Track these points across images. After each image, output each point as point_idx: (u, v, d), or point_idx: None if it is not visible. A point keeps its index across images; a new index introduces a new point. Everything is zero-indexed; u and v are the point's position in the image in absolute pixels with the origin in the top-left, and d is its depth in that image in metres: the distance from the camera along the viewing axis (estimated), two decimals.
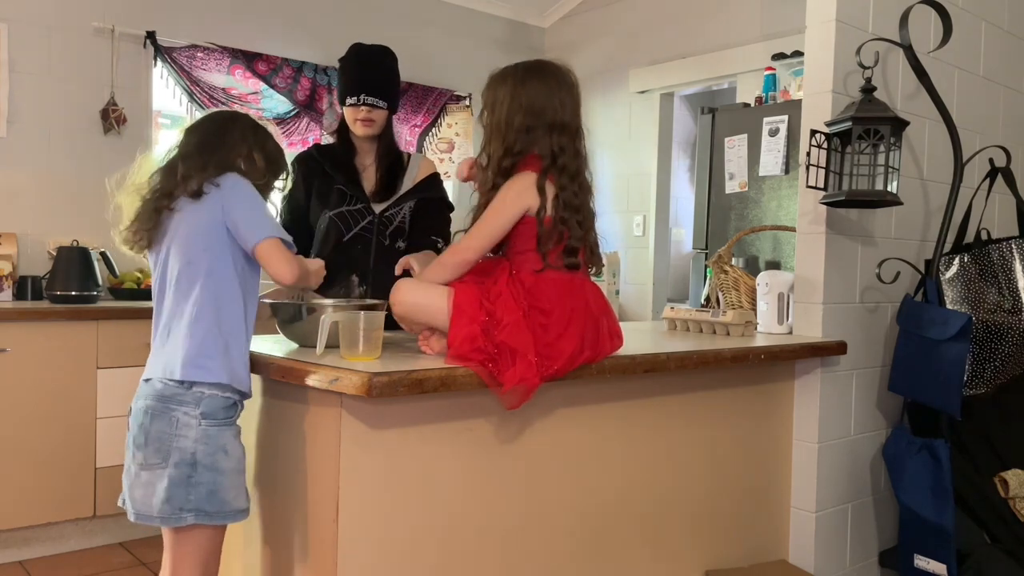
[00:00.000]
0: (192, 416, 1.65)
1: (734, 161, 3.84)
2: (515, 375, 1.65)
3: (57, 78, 3.72)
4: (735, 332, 2.45)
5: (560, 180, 1.77)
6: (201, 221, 1.72)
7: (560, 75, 1.83)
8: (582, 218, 1.79)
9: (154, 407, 1.66)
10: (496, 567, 1.83)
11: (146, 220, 1.75)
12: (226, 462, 1.67)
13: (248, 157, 1.81)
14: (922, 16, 2.55)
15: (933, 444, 2.35)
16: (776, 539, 2.48)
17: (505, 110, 1.78)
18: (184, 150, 1.79)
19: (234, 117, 1.90)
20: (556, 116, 1.78)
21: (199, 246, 1.71)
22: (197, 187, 1.71)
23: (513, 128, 1.77)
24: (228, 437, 1.68)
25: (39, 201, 3.69)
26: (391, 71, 2.49)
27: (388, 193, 2.47)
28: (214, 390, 1.66)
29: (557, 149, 1.78)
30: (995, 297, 2.47)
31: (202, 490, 1.65)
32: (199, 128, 1.85)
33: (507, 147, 1.78)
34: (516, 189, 1.76)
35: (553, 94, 1.79)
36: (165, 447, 1.65)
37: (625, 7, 4.97)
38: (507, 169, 1.78)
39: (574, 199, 1.78)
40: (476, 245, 1.78)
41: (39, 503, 3.16)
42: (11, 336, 3.10)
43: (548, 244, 1.76)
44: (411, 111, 4.82)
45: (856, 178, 2.31)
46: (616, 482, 2.04)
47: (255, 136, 1.86)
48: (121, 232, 1.79)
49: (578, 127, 1.83)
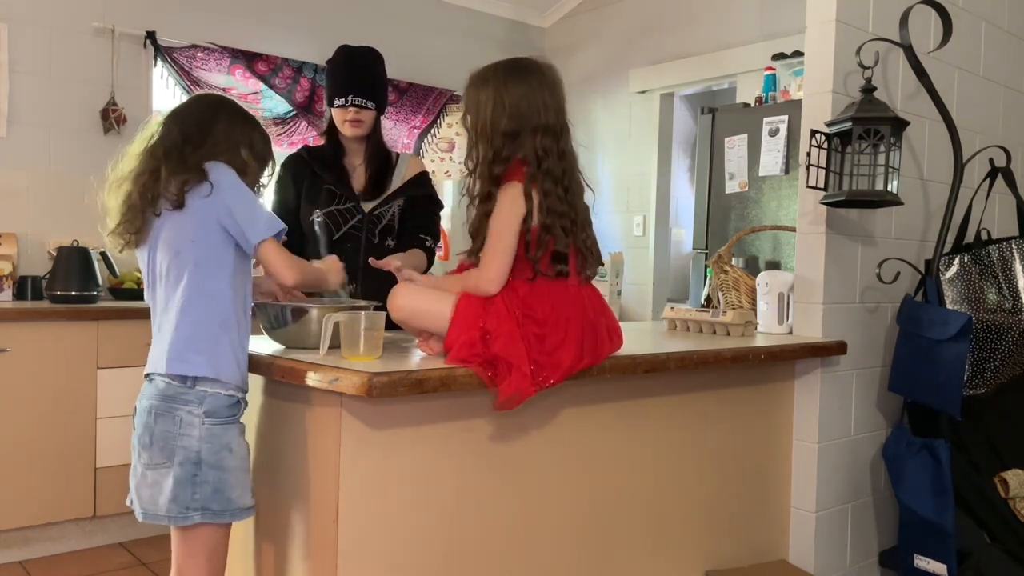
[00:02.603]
0: (196, 415, 1.64)
1: (734, 161, 3.84)
2: (510, 386, 1.65)
3: (57, 78, 3.72)
4: (735, 332, 2.45)
5: (544, 185, 1.74)
6: (188, 213, 1.69)
7: (541, 73, 1.79)
8: (569, 222, 1.76)
9: (158, 406, 1.66)
10: (496, 567, 1.83)
11: (134, 220, 1.72)
12: (231, 460, 1.67)
13: (235, 149, 1.78)
14: (922, 16, 2.55)
15: (933, 444, 2.35)
16: (776, 539, 2.48)
17: (489, 114, 1.76)
18: (168, 141, 1.74)
19: (220, 104, 1.85)
20: (539, 119, 1.75)
21: (187, 237, 1.69)
22: (178, 190, 1.67)
23: (499, 132, 1.75)
24: (232, 435, 1.69)
25: (39, 201, 3.69)
26: (378, 72, 2.51)
27: (377, 192, 2.49)
28: (217, 388, 1.66)
29: (541, 152, 1.75)
30: (995, 297, 2.47)
31: (207, 489, 1.65)
32: (184, 116, 1.79)
33: (496, 152, 1.76)
34: (508, 202, 1.74)
35: (536, 95, 1.76)
36: (170, 446, 1.65)
37: (625, 7, 4.97)
38: (498, 177, 1.76)
39: (559, 204, 1.75)
40: (495, 277, 1.73)
41: (39, 503, 3.16)
42: (11, 336, 3.10)
43: (538, 251, 1.74)
44: (411, 111, 4.82)
45: (856, 178, 2.31)
46: (616, 482, 2.04)
47: (242, 126, 1.82)
48: (110, 233, 1.76)
49: (563, 126, 1.79)
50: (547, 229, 1.74)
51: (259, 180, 1.86)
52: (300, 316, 1.83)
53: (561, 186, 1.76)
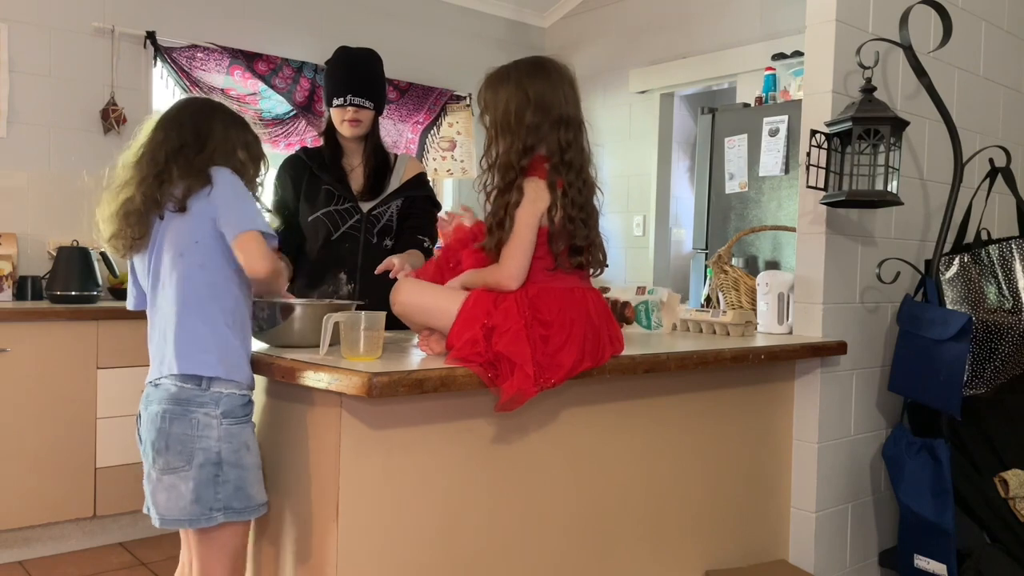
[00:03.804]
0: (213, 416, 1.65)
1: (734, 161, 3.84)
2: (512, 386, 1.65)
3: (57, 78, 3.72)
4: (735, 332, 2.45)
5: (567, 177, 1.77)
6: (190, 215, 1.70)
7: (560, 70, 1.83)
8: (587, 216, 1.79)
9: (172, 410, 1.66)
10: (496, 567, 1.83)
11: (137, 225, 1.72)
12: (249, 458, 1.68)
13: (233, 152, 1.78)
14: (922, 16, 2.55)
15: (933, 444, 2.35)
16: (776, 539, 2.48)
17: (514, 107, 1.77)
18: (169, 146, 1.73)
19: (213, 107, 1.85)
20: (562, 110, 1.78)
21: (191, 239, 1.70)
22: (183, 194, 1.68)
23: (524, 124, 1.76)
24: (248, 433, 1.70)
25: (39, 201, 3.69)
26: (376, 73, 2.51)
27: (375, 192, 2.50)
28: (231, 388, 1.67)
29: (564, 144, 1.77)
30: (995, 297, 2.47)
31: (230, 488, 1.65)
32: (180, 121, 1.79)
33: (523, 144, 1.76)
34: (530, 197, 1.75)
35: (557, 88, 1.79)
36: (188, 449, 1.64)
37: (625, 7, 4.97)
38: (523, 167, 1.77)
39: (579, 196, 1.77)
40: (516, 273, 1.74)
41: (39, 503, 3.16)
42: (11, 336, 3.10)
43: (559, 243, 1.76)
44: (412, 111, 4.82)
45: (856, 178, 2.31)
46: (616, 482, 2.04)
47: (237, 128, 1.82)
48: (109, 238, 1.75)
49: (581, 121, 1.83)
50: (570, 220, 1.75)
51: (255, 180, 1.86)
52: (287, 314, 1.84)
53: (581, 179, 1.79)
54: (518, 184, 1.75)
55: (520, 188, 1.75)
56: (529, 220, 1.74)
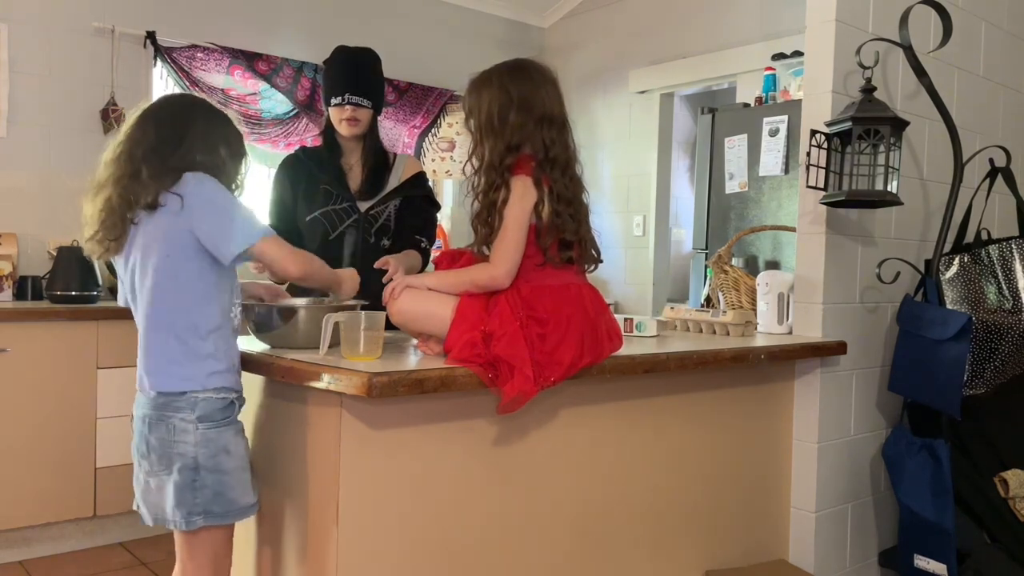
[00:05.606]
0: (189, 421, 1.64)
1: (734, 161, 3.84)
2: (513, 388, 1.66)
3: (57, 78, 3.72)
4: (735, 332, 2.45)
5: (552, 174, 1.79)
6: (161, 225, 1.64)
7: (541, 70, 1.85)
8: (574, 211, 1.80)
9: (151, 415, 1.66)
10: (496, 566, 1.83)
11: (114, 226, 1.68)
12: (229, 462, 1.67)
13: (213, 148, 1.72)
14: (922, 16, 2.55)
15: (933, 444, 2.35)
16: (776, 539, 2.48)
17: (497, 108, 1.79)
18: (146, 143, 1.68)
19: (194, 103, 1.80)
20: (545, 109, 1.80)
21: (162, 252, 1.65)
22: (154, 198, 1.63)
23: (508, 124, 1.78)
24: (228, 437, 1.68)
25: (39, 201, 3.68)
26: (375, 72, 2.52)
27: (373, 192, 2.49)
28: (208, 392, 1.66)
29: (548, 142, 1.79)
30: (995, 297, 2.47)
31: (208, 493, 1.65)
32: (159, 117, 1.73)
33: (507, 144, 1.78)
34: (518, 194, 1.76)
35: (539, 88, 1.82)
36: (167, 454, 1.65)
37: (625, 7, 4.97)
38: (509, 166, 1.78)
39: (566, 191, 1.79)
40: (509, 269, 1.74)
41: (39, 503, 3.16)
42: (11, 336, 3.10)
43: (548, 239, 1.77)
44: (411, 111, 4.82)
45: (856, 178, 2.31)
46: (616, 482, 2.04)
47: (218, 124, 1.76)
48: (87, 240, 1.72)
49: (565, 120, 1.85)
50: (558, 215, 1.77)
51: (236, 178, 1.79)
52: (288, 317, 1.84)
53: (567, 176, 1.80)
54: (505, 183, 1.77)
55: (507, 186, 1.76)
56: (519, 216, 1.75)
